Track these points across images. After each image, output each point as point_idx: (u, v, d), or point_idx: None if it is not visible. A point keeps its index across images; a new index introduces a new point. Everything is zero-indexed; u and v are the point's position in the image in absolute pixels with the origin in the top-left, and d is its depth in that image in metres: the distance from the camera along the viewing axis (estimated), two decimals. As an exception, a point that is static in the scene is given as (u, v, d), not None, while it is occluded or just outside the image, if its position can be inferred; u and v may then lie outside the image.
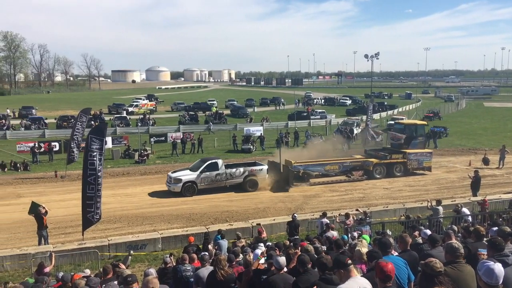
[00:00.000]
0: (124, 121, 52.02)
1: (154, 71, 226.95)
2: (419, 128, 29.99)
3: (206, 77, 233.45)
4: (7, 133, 44.43)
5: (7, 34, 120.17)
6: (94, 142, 15.94)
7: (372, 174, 27.45)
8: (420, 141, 29.31)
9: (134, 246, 15.62)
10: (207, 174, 24.25)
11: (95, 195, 15.85)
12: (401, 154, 28.33)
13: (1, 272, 14.49)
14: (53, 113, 59.50)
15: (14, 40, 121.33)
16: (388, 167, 27.91)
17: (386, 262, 4.72)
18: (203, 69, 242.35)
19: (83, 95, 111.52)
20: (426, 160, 28.59)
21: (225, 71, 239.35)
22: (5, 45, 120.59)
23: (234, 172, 24.75)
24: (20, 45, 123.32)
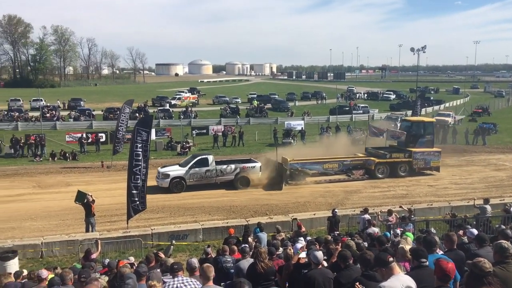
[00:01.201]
0: (167, 114, 52.99)
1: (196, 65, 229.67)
2: (427, 126, 28.25)
3: (248, 70, 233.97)
4: (57, 124, 46.24)
5: (57, 28, 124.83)
6: (140, 133, 16.34)
7: (374, 173, 26.30)
8: (427, 140, 27.58)
9: (176, 236, 15.97)
10: (196, 170, 23.66)
11: (140, 185, 16.28)
12: (402, 153, 27.05)
13: (50, 257, 15.16)
14: (100, 105, 61.38)
15: (64, 34, 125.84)
16: (391, 167, 26.60)
17: (447, 261, 4.60)
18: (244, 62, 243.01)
19: (128, 88, 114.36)
20: (434, 160, 27.16)
21: (266, 65, 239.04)
22: (56, 39, 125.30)
23: (225, 168, 24.14)
24: (69, 39, 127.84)
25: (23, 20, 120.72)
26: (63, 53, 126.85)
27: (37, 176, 26.61)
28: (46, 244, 15.32)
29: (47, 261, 14.51)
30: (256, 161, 25.49)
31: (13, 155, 32.10)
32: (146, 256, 10.35)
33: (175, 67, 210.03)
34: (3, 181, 25.43)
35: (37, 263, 14.34)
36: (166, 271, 6.68)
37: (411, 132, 27.98)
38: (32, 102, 58.92)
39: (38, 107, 53.50)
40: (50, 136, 36.52)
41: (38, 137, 33.32)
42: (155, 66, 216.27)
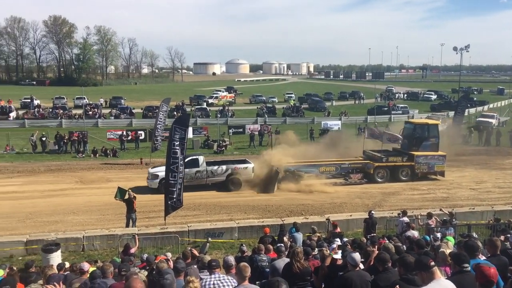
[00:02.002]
0: (204, 112, 53.58)
1: (233, 64, 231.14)
2: (431, 128, 26.74)
3: (285, 70, 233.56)
4: (99, 122, 47.64)
5: (100, 29, 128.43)
6: (177, 132, 16.60)
7: (373, 177, 25.30)
8: (432, 143, 26.13)
9: (212, 234, 16.12)
10: (186, 171, 23.04)
11: (176, 183, 16.56)
12: (400, 156, 25.89)
13: (91, 250, 15.63)
14: (139, 103, 62.74)
15: (106, 34, 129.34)
16: (392, 171, 25.52)
17: (488, 266, 4.45)
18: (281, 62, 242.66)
19: (167, 86, 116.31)
20: (438, 164, 25.78)
21: (303, 64, 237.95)
22: (99, 39, 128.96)
23: (216, 169, 23.67)
24: (111, 39, 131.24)
25: (67, 20, 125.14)
26: (105, 53, 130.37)
27: (80, 172, 27.48)
28: (87, 238, 15.80)
29: (88, 255, 14.97)
30: (249, 162, 24.76)
31: (57, 151, 33.25)
32: (182, 252, 10.50)
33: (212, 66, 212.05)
34: (47, 176, 26.40)
35: (78, 256, 14.81)
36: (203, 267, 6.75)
37: (415, 135, 26.70)
38: (76, 100, 60.89)
39: (81, 105, 55.15)
40: (92, 133, 37.63)
41: (81, 134, 34.43)
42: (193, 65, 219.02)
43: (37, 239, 15.31)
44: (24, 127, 44.17)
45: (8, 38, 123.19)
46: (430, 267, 4.84)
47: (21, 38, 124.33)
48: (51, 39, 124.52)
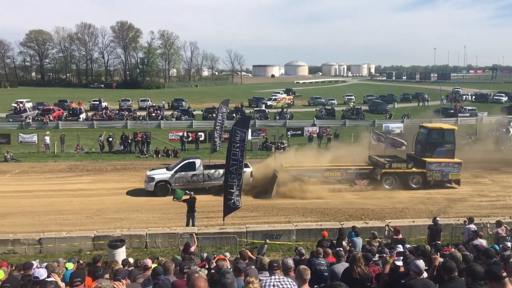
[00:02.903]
0: (263, 114, 53.90)
1: (292, 66, 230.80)
2: (446, 134, 25.15)
3: (345, 71, 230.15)
4: (161, 123, 49.23)
5: (164, 33, 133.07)
6: (237, 133, 16.80)
7: (380, 184, 24.08)
8: (447, 149, 24.55)
9: (269, 235, 16.16)
10: (182, 174, 23.15)
11: (236, 184, 16.75)
12: (405, 163, 24.59)
13: (153, 247, 16.15)
14: (200, 105, 64.17)
15: (169, 38, 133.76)
16: (401, 178, 24.20)
17: None
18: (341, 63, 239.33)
19: (226, 88, 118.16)
20: (452, 172, 24.23)
21: (364, 66, 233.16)
22: (162, 43, 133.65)
23: (213, 173, 23.40)
24: (174, 42, 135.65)
25: (133, 26, 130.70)
26: (168, 56, 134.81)
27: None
28: (150, 235, 16.36)
29: (151, 251, 15.50)
30: (248, 166, 23.88)
31: (123, 151, 34.72)
32: (240, 252, 10.61)
33: (271, 68, 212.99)
34: (113, 175, 27.64)
35: (141, 253, 15.36)
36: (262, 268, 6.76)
37: (429, 140, 25.19)
38: (140, 102, 63.37)
39: (145, 106, 57.36)
40: (155, 134, 38.93)
41: (145, 135, 35.73)
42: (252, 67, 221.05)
43: (104, 235, 16.06)
44: (93, 128, 46.53)
45: (79, 43, 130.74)
46: (502, 277, 4.59)
47: (90, 44, 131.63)
48: (118, 44, 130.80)
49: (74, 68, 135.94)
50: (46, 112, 51.24)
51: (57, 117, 50.67)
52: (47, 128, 43.63)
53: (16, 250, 15.69)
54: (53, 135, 36.41)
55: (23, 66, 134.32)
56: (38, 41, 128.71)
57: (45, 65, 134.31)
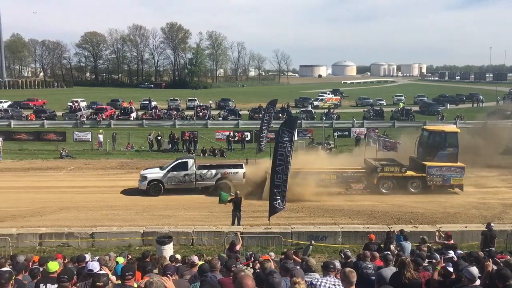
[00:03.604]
0: (309, 115, 53.56)
1: (340, 66, 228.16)
2: (448, 137, 24.02)
3: (394, 71, 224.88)
4: (208, 122, 49.96)
5: (212, 34, 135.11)
6: (284, 134, 16.77)
7: (377, 188, 23.13)
8: (450, 153, 23.44)
9: (315, 237, 16.03)
10: (175, 173, 23.14)
11: (282, 184, 16.73)
12: (398, 166, 23.45)
13: (200, 245, 16.42)
14: (246, 105, 64.61)
15: (217, 39, 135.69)
16: (399, 182, 23.26)
17: None
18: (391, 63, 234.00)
19: (273, 89, 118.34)
20: (455, 177, 23.10)
21: (415, 65, 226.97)
22: (210, 44, 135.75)
23: (205, 173, 23.29)
24: (222, 43, 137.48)
25: (182, 27, 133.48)
26: (215, 57, 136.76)
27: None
28: (196, 233, 16.64)
29: (197, 249, 15.74)
30: (241, 167, 24.09)
31: (170, 150, 35.49)
32: (284, 252, 10.59)
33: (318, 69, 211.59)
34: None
35: (188, 250, 15.64)
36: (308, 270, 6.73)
37: (430, 144, 24.10)
38: (188, 101, 64.63)
39: (192, 106, 58.43)
40: (202, 134, 39.55)
41: (192, 134, 36.39)
42: (299, 67, 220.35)
43: (152, 231, 16.49)
44: (143, 126, 47.85)
45: (130, 44, 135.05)
46: None
47: (142, 45, 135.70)
48: (168, 45, 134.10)
49: (126, 69, 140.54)
50: (99, 111, 53.24)
51: (109, 116, 52.49)
52: (100, 126, 45.27)
53: (70, 243, 16.40)
54: (105, 134, 37.75)
55: (78, 67, 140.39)
56: (92, 43, 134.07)
57: (99, 66, 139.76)
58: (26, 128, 44.36)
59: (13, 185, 24.84)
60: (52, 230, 16.94)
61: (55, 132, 39.54)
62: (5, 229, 16.82)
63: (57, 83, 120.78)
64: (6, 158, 32.08)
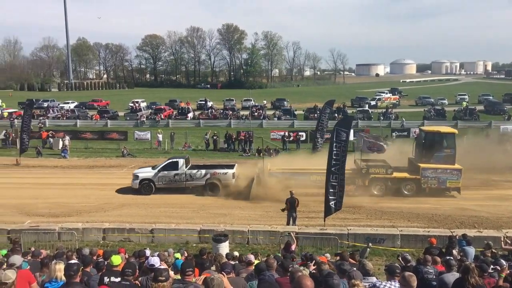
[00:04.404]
0: (366, 115, 52.52)
1: (398, 64, 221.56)
2: (445, 138, 23.00)
3: (457, 69, 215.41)
4: (263, 122, 50.21)
5: (267, 34, 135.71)
6: (339, 134, 16.58)
7: (369, 189, 22.27)
8: (446, 155, 22.43)
9: (372, 239, 15.69)
10: (165, 173, 23.41)
11: (338, 185, 16.54)
12: (384, 168, 22.76)
13: (255, 244, 16.52)
14: (301, 105, 64.30)
15: (272, 39, 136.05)
16: (393, 184, 22.56)
17: None
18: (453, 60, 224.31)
19: (328, 88, 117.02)
20: (451, 179, 22.10)
21: (479, 63, 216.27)
22: (265, 44, 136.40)
23: (195, 173, 23.40)
24: (277, 43, 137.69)
25: (238, 28, 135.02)
26: (270, 57, 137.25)
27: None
28: (251, 232, 16.76)
29: (252, 248, 15.84)
30: (232, 167, 24.03)
31: (226, 149, 36.00)
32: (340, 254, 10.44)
33: (375, 67, 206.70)
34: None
35: (243, 248, 15.75)
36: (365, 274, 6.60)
37: (426, 145, 23.23)
38: (243, 102, 65.25)
39: (248, 106, 58.95)
40: (257, 133, 39.79)
41: (247, 133, 36.72)
42: (355, 66, 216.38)
43: (209, 229, 16.82)
44: (199, 126, 48.88)
45: (188, 46, 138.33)
46: None
47: (198, 46, 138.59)
48: (224, 45, 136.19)
49: (183, 70, 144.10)
50: (158, 111, 54.96)
51: (167, 116, 54.05)
52: (158, 126, 46.71)
53: (131, 239, 17.05)
54: (164, 133, 38.90)
55: (139, 69, 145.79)
56: (152, 45, 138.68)
57: (158, 68, 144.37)
58: (91, 128, 46.61)
59: (80, 181, 26.20)
60: (114, 225, 17.72)
61: (117, 132, 41.24)
62: (71, 224, 17.79)
63: (119, 84, 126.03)
64: (73, 156, 33.85)
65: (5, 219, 19.09)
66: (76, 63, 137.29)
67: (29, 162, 31.55)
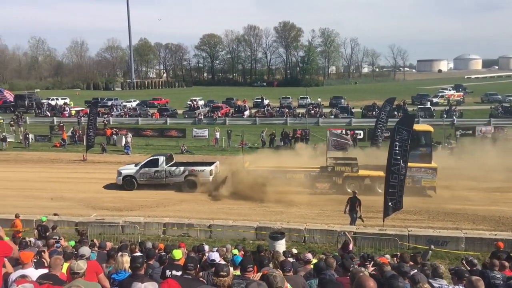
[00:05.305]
0: (428, 112, 50.66)
1: (463, 60, 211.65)
2: (420, 136, 22.43)
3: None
4: (320, 120, 49.73)
5: (325, 31, 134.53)
6: (400, 132, 16.11)
7: (343, 188, 22.04)
8: (422, 153, 22.12)
9: (434, 241, 15.10)
10: (146, 170, 24.14)
11: (398, 184, 16.08)
12: (350, 166, 22.50)
13: (311, 243, 16.41)
14: (359, 102, 63.13)
15: (330, 36, 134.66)
16: (366, 182, 22.30)
17: None
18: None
19: (388, 85, 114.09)
20: (426, 178, 21.75)
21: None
22: (322, 41, 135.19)
23: (174, 170, 24.02)
24: (334, 40, 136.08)
25: (295, 25, 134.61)
26: (327, 54, 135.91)
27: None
28: (308, 230, 16.66)
29: (309, 246, 15.77)
30: (209, 165, 24.49)
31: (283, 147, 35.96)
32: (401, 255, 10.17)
33: (438, 63, 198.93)
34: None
35: (300, 247, 15.71)
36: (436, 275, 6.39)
37: None
38: (299, 99, 64.92)
39: (304, 104, 58.61)
40: (314, 131, 39.46)
41: (303, 132, 36.50)
42: (416, 62, 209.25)
43: (265, 226, 16.88)
44: (256, 124, 49.16)
45: (245, 44, 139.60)
46: None
47: (255, 44, 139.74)
48: (280, 43, 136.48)
49: (240, 68, 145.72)
50: (215, 109, 55.88)
51: (224, 113, 54.84)
52: (215, 124, 47.50)
53: (190, 233, 17.46)
54: (221, 131, 39.48)
55: (197, 68, 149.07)
56: (210, 44, 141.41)
57: (215, 66, 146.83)
58: (151, 125, 48.14)
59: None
60: (174, 220, 18.22)
61: (176, 129, 42.33)
62: (134, 218, 18.49)
63: (177, 83, 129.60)
64: (135, 153, 35.14)
65: (73, 211, 20.20)
66: (138, 63, 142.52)
67: (94, 158, 33.10)
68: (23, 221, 16.88)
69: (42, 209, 19.65)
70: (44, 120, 52.82)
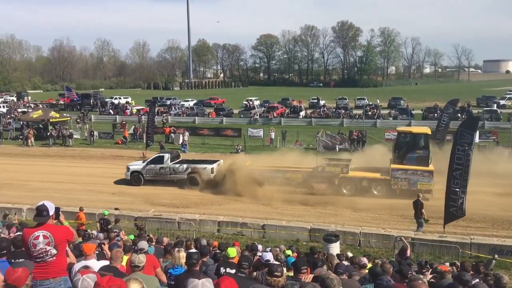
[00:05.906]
0: (494, 115, 48.11)
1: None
2: (417, 139, 22.39)
3: None
4: (377, 122, 48.55)
5: (384, 30, 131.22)
6: (464, 136, 15.47)
7: (339, 189, 22.23)
8: (420, 156, 21.89)
9: (499, 251, 14.35)
10: (152, 166, 25.06)
11: (460, 191, 15.42)
12: (340, 167, 22.66)
13: (367, 247, 16.08)
14: (419, 104, 61.02)
15: (390, 35, 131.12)
16: (363, 184, 22.25)
17: None
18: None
19: (451, 86, 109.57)
20: (422, 182, 21.44)
21: None
22: (382, 41, 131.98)
23: (178, 167, 24.80)
24: (394, 39, 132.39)
25: (353, 25, 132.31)
26: (387, 54, 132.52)
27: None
28: (363, 234, 16.33)
29: (364, 250, 15.44)
30: (212, 163, 25.03)
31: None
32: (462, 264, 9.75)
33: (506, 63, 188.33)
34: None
35: (355, 250, 15.40)
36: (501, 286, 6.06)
37: (398, 146, 23.24)
38: (357, 100, 63.70)
39: (361, 105, 57.44)
40: (371, 133, 38.57)
41: (360, 133, 35.76)
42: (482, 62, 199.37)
43: (319, 228, 16.75)
44: (311, 125, 48.74)
45: (301, 44, 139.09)
46: None
47: (312, 44, 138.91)
48: (338, 43, 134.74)
49: (296, 68, 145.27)
50: (271, 109, 56.00)
51: (280, 114, 54.83)
52: (271, 124, 47.55)
53: (243, 232, 17.61)
54: (276, 131, 39.50)
55: (253, 68, 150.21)
56: (266, 45, 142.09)
57: (272, 66, 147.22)
58: (208, 124, 48.98)
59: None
60: (228, 219, 18.49)
61: (231, 129, 42.83)
62: (190, 215, 18.91)
63: (234, 83, 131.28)
64: (191, 151, 35.90)
65: (133, 206, 20.98)
66: (196, 63, 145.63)
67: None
68: (86, 214, 17.70)
69: (105, 203, 20.59)
70: (107, 118, 55.15)
